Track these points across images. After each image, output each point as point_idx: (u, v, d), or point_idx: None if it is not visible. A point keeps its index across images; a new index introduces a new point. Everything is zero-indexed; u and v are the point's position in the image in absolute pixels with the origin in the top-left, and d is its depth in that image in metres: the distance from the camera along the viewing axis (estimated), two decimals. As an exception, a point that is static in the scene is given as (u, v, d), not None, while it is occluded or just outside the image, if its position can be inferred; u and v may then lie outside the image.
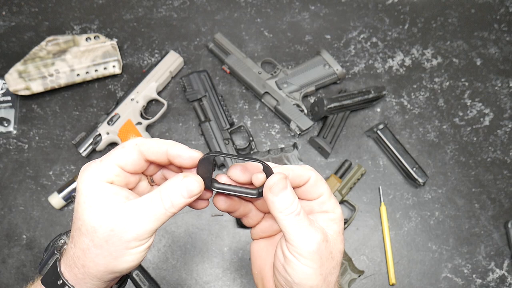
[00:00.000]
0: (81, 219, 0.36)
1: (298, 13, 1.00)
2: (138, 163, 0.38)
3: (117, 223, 0.35)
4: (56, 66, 0.88)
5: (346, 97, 0.87)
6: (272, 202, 0.37)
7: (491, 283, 0.83)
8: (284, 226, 0.37)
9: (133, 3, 0.99)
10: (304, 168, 0.40)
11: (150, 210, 0.36)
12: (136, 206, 0.36)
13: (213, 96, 0.89)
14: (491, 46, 0.99)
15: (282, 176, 0.37)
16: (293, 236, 0.37)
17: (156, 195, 0.36)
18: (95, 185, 0.36)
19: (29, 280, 0.49)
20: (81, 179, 0.37)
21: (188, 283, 0.81)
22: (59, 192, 0.83)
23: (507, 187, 0.88)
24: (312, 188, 0.40)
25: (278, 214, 0.37)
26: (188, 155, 0.38)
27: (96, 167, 0.37)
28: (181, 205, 0.37)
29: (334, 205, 0.41)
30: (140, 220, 0.35)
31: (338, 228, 0.41)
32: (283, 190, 0.37)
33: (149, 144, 0.38)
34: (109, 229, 0.35)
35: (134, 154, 0.37)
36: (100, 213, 0.35)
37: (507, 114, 0.94)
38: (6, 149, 0.88)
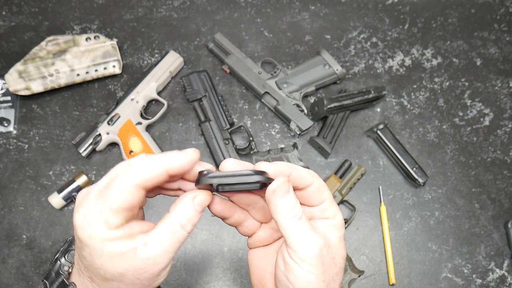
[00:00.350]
0: (103, 269, 0.35)
1: (298, 13, 1.00)
2: (140, 199, 0.35)
3: (144, 263, 0.35)
4: (56, 66, 0.88)
5: (346, 97, 0.87)
6: (275, 205, 0.36)
7: (491, 283, 0.83)
8: (286, 230, 0.36)
9: (133, 3, 0.99)
10: (308, 172, 0.39)
11: (173, 240, 0.36)
12: (158, 241, 0.35)
13: (213, 96, 0.89)
14: (491, 46, 0.99)
15: (286, 179, 0.37)
16: (294, 240, 0.36)
17: (174, 224, 0.36)
18: (106, 237, 0.34)
19: (29, 280, 0.48)
20: (86, 235, 0.34)
21: (188, 283, 0.81)
22: (59, 192, 0.83)
23: (507, 187, 0.88)
24: (314, 194, 0.39)
25: (280, 217, 0.36)
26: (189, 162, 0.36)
27: (98, 219, 0.34)
28: (198, 221, 0.38)
29: (335, 211, 0.41)
30: (165, 253, 0.35)
31: (340, 234, 0.40)
32: (286, 193, 0.36)
33: (145, 175, 0.34)
34: (137, 269, 0.35)
35: (133, 195, 0.34)
36: (123, 260, 0.34)
37: (507, 114, 0.94)
38: (6, 149, 0.88)
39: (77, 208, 0.35)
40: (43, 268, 0.81)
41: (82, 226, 0.34)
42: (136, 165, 0.34)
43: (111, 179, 0.35)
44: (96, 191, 0.35)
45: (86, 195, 0.36)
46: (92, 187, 0.36)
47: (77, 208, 0.36)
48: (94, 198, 0.34)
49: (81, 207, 0.35)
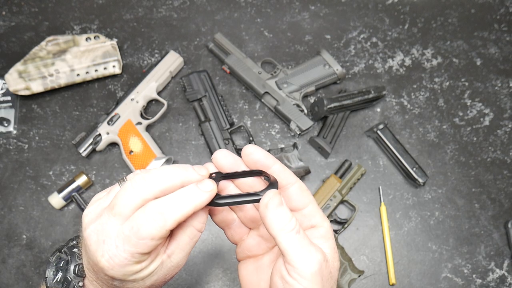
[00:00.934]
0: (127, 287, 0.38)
1: (298, 13, 1.00)
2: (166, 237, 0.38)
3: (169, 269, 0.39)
4: (56, 66, 0.88)
5: (346, 97, 0.87)
6: (270, 219, 0.35)
7: (491, 283, 0.83)
8: (285, 246, 0.35)
9: (133, 3, 0.99)
10: (291, 172, 0.40)
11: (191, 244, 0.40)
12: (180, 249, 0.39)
13: (213, 96, 0.89)
14: (491, 46, 0.99)
15: (276, 191, 0.36)
16: (294, 257, 0.35)
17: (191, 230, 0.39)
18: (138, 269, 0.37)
19: (29, 280, 0.48)
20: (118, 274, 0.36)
21: (188, 283, 0.81)
22: (59, 192, 0.83)
23: (507, 187, 0.88)
24: (297, 196, 0.39)
25: (278, 232, 0.35)
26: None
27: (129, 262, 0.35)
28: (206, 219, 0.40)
29: (322, 218, 0.40)
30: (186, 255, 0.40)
31: (332, 244, 0.40)
32: (280, 205, 0.36)
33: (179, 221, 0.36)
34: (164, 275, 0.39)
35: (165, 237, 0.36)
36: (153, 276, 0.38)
37: (507, 114, 0.94)
38: (6, 149, 0.88)
39: (99, 250, 0.35)
40: (43, 268, 0.81)
41: (112, 269, 0.35)
42: (166, 212, 0.35)
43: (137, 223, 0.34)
44: (117, 233, 0.35)
45: (101, 236, 0.35)
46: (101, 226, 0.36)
47: (98, 249, 0.35)
48: (119, 242, 0.35)
49: (104, 251, 0.35)
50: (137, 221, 0.34)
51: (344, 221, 0.84)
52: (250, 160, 0.39)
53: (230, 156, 0.40)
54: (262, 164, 0.39)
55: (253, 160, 0.39)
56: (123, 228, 0.35)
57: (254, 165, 0.39)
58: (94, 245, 0.36)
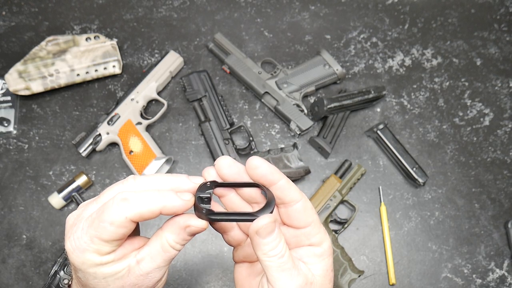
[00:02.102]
0: (91, 285, 0.36)
1: (298, 13, 1.00)
2: (131, 230, 0.35)
3: (138, 279, 0.36)
4: (56, 66, 0.88)
5: (346, 97, 0.87)
6: (257, 244, 0.36)
7: (491, 283, 0.83)
8: (266, 267, 0.36)
9: (133, 3, 0.99)
10: (298, 190, 0.38)
11: (164, 257, 0.37)
12: (150, 258, 0.36)
13: (213, 96, 0.89)
14: (491, 46, 0.99)
15: (271, 220, 0.35)
16: (274, 278, 0.36)
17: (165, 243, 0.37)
18: (98, 262, 0.35)
19: (29, 280, 0.48)
20: (78, 261, 0.35)
21: (188, 283, 0.81)
22: (59, 192, 0.83)
23: (507, 187, 0.88)
24: (300, 214, 0.38)
25: (261, 255, 0.36)
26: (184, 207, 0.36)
27: (89, 247, 0.34)
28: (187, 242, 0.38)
29: (322, 237, 0.39)
30: (158, 268, 0.37)
31: (326, 266, 0.39)
32: (270, 234, 0.35)
33: (139, 211, 0.34)
34: (132, 285, 0.36)
35: (125, 228, 0.34)
36: (118, 279, 0.36)
37: (507, 114, 0.94)
38: (6, 149, 0.88)
39: (68, 234, 0.35)
40: (43, 268, 0.81)
41: (73, 252, 0.34)
42: (132, 200, 0.34)
43: (103, 208, 0.34)
44: (87, 217, 0.35)
45: (76, 220, 0.36)
46: (82, 210, 0.36)
47: (67, 233, 0.35)
48: (85, 224, 0.34)
49: (71, 233, 0.35)
50: (105, 204, 0.34)
51: (344, 221, 0.84)
52: (255, 174, 0.37)
53: (234, 166, 0.38)
54: (267, 179, 0.37)
55: (259, 175, 0.37)
56: (90, 210, 0.35)
57: (258, 179, 0.37)
58: (67, 229, 0.36)
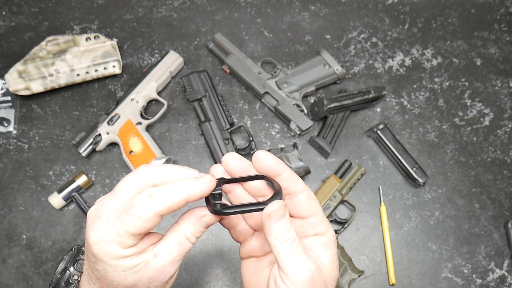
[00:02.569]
0: (116, 281, 0.37)
1: (298, 13, 1.00)
2: (157, 224, 0.37)
3: (154, 272, 0.37)
4: (56, 66, 0.88)
5: (346, 97, 0.87)
6: (269, 228, 0.37)
7: (491, 283, 0.83)
8: (278, 253, 0.37)
9: (133, 3, 0.99)
10: (301, 181, 0.40)
11: (180, 250, 0.38)
12: (166, 252, 0.38)
13: (213, 96, 0.89)
14: (491, 46, 0.99)
15: (282, 204, 0.37)
16: (286, 264, 0.36)
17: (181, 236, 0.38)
18: (121, 255, 0.36)
19: (29, 280, 0.49)
20: (101, 252, 0.36)
21: (188, 283, 0.81)
22: (59, 192, 0.83)
23: (507, 187, 0.88)
24: (305, 204, 0.39)
25: (273, 240, 0.37)
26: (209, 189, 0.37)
27: (114, 239, 0.35)
28: (201, 235, 0.39)
29: (326, 227, 0.41)
30: (173, 262, 0.38)
31: (332, 254, 0.40)
32: (282, 217, 0.36)
33: (168, 205, 0.35)
34: (148, 279, 0.37)
35: (153, 222, 0.35)
36: (136, 272, 0.37)
37: (507, 114, 0.94)
38: (6, 149, 0.88)
39: (92, 225, 0.36)
40: (43, 268, 0.81)
41: (97, 244, 0.35)
42: (157, 195, 0.35)
43: (131, 203, 0.35)
44: (113, 210, 0.36)
45: (98, 213, 0.37)
46: (103, 203, 0.37)
47: (91, 225, 0.36)
48: (111, 218, 0.35)
49: (96, 225, 0.36)
50: (132, 200, 0.36)
51: (344, 221, 0.84)
52: (261, 166, 0.39)
53: (240, 161, 0.40)
54: (273, 171, 0.39)
55: (264, 167, 0.39)
56: (119, 206, 0.36)
57: (265, 171, 0.39)
58: (89, 221, 0.37)
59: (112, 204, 0.37)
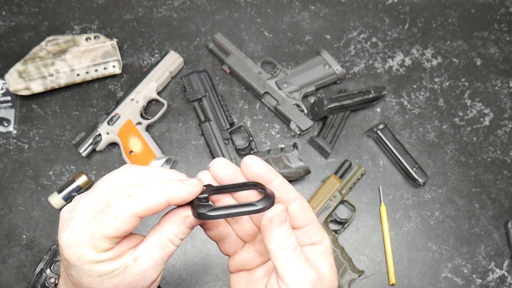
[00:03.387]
0: (91, 287, 0.35)
1: (298, 13, 1.00)
2: (135, 226, 0.34)
3: (134, 278, 0.35)
4: (56, 66, 0.88)
5: (346, 97, 0.87)
6: (270, 234, 0.34)
7: (491, 283, 0.83)
8: (279, 261, 0.35)
9: (133, 3, 0.99)
10: (293, 188, 0.38)
11: (162, 254, 0.35)
12: (147, 255, 0.35)
13: (213, 96, 0.89)
14: (491, 46, 0.99)
15: (284, 208, 0.35)
16: (287, 273, 0.34)
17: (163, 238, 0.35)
18: (95, 259, 0.33)
19: (29, 280, 0.48)
20: (73, 256, 0.33)
21: (188, 283, 0.81)
22: (59, 192, 0.83)
23: (507, 187, 0.88)
24: (298, 213, 0.37)
25: (274, 248, 0.34)
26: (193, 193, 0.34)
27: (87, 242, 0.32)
28: (186, 236, 0.36)
29: (322, 235, 0.39)
30: (155, 266, 0.35)
31: (330, 263, 0.39)
32: (283, 223, 0.34)
33: (146, 205, 0.32)
34: (127, 284, 0.35)
35: (130, 224, 0.32)
36: (113, 278, 0.34)
37: (507, 114, 0.94)
38: (6, 149, 0.88)
39: (63, 227, 0.33)
40: (43, 268, 0.81)
41: (69, 247, 0.33)
42: (137, 195, 0.32)
43: (108, 202, 0.33)
44: (88, 209, 0.33)
45: (72, 213, 0.34)
46: (76, 203, 0.35)
47: (63, 226, 0.34)
48: (85, 218, 0.33)
49: (68, 226, 0.33)
50: (109, 199, 0.33)
51: (344, 221, 0.84)
52: (250, 173, 0.36)
53: (229, 167, 0.37)
54: (263, 178, 0.36)
55: (254, 174, 0.36)
56: (95, 205, 0.33)
57: (254, 178, 0.36)
58: (62, 222, 0.34)
59: (88, 203, 0.34)
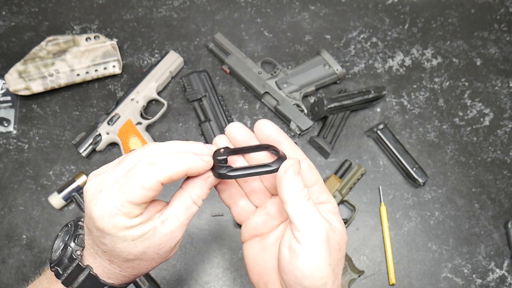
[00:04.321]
0: (126, 251, 0.37)
1: (298, 13, 1.00)
2: (159, 193, 0.37)
3: (163, 238, 0.38)
4: (56, 66, 0.88)
5: (346, 97, 0.87)
6: (286, 184, 0.37)
7: (491, 283, 0.83)
8: (294, 211, 0.37)
9: (133, 3, 0.99)
10: (303, 152, 0.41)
11: (187, 214, 0.39)
12: (174, 217, 0.38)
13: (213, 96, 0.89)
14: (491, 46, 0.99)
15: (297, 160, 0.38)
16: (302, 222, 0.36)
17: (187, 199, 0.39)
18: (128, 225, 0.36)
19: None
20: (108, 226, 0.36)
21: (188, 283, 0.81)
22: (59, 192, 0.83)
23: (507, 187, 0.88)
24: (306, 174, 0.40)
25: (289, 197, 0.37)
26: (207, 167, 0.38)
27: (119, 212, 0.35)
28: (206, 197, 0.40)
29: (328, 196, 0.41)
30: (181, 226, 0.39)
31: (339, 219, 0.41)
32: (297, 174, 0.37)
33: (169, 174, 0.36)
34: (157, 245, 0.38)
35: (156, 191, 0.36)
36: (145, 240, 0.37)
37: (507, 114, 0.94)
38: (6, 149, 0.88)
39: (93, 201, 0.36)
40: (43, 268, 0.81)
41: (102, 218, 0.35)
42: (159, 163, 0.35)
43: (131, 173, 0.35)
44: (113, 183, 0.36)
45: (99, 187, 0.37)
46: (103, 177, 0.37)
47: (92, 200, 0.36)
48: (113, 190, 0.35)
49: (98, 200, 0.36)
50: (133, 169, 0.36)
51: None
52: (262, 134, 0.40)
53: (243, 130, 0.41)
54: (273, 139, 0.40)
55: (265, 135, 0.40)
56: (116, 176, 0.37)
57: (265, 139, 0.40)
58: (90, 196, 0.37)
59: (114, 176, 0.37)
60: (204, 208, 0.85)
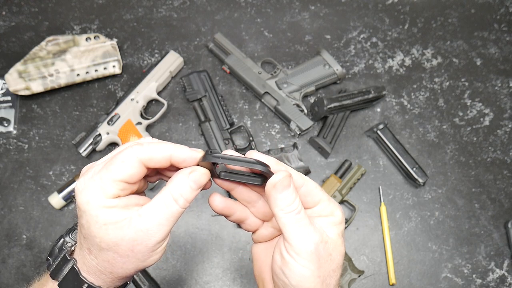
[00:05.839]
0: (98, 237, 0.36)
1: (298, 13, 1.00)
2: (140, 174, 0.37)
3: (138, 234, 0.36)
4: (56, 66, 0.88)
5: (346, 97, 0.87)
6: (274, 199, 0.37)
7: (491, 283, 0.83)
8: (283, 224, 0.37)
9: (133, 3, 0.99)
10: (300, 174, 0.40)
11: (166, 213, 0.37)
12: (152, 212, 0.36)
13: (213, 96, 0.89)
14: (491, 46, 0.99)
15: (287, 174, 0.37)
16: (291, 235, 0.37)
17: (168, 197, 0.37)
18: (102, 204, 0.36)
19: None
20: (84, 200, 0.36)
21: (188, 283, 0.81)
22: (59, 192, 0.83)
23: (507, 187, 0.88)
24: (306, 198, 0.40)
25: (278, 211, 0.37)
26: (192, 159, 0.38)
27: (97, 186, 0.36)
28: (192, 198, 0.38)
29: (333, 208, 0.41)
30: (159, 225, 0.36)
31: (339, 230, 0.41)
32: (287, 187, 0.37)
33: (151, 154, 0.37)
34: (131, 240, 0.36)
35: (135, 168, 0.36)
36: (118, 229, 0.36)
37: (507, 114, 0.94)
38: (6, 149, 0.88)
39: (81, 176, 0.38)
40: (43, 268, 0.81)
41: (81, 192, 0.36)
42: (145, 143, 0.37)
43: (118, 151, 0.37)
44: (102, 162, 0.38)
45: (91, 165, 0.39)
46: (94, 162, 0.40)
47: (80, 175, 0.38)
48: (98, 168, 0.37)
49: (84, 175, 0.38)
50: (118, 149, 0.38)
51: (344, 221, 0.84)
52: None
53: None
54: None
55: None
56: (105, 157, 0.39)
57: None
58: (81, 175, 0.39)
59: (103, 159, 0.39)
60: (204, 208, 0.85)
